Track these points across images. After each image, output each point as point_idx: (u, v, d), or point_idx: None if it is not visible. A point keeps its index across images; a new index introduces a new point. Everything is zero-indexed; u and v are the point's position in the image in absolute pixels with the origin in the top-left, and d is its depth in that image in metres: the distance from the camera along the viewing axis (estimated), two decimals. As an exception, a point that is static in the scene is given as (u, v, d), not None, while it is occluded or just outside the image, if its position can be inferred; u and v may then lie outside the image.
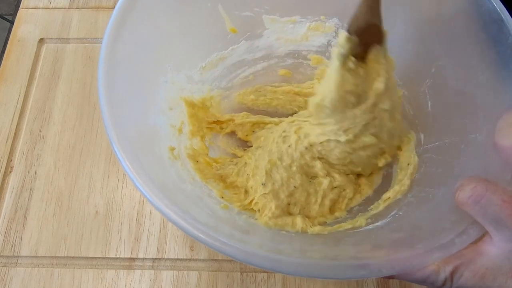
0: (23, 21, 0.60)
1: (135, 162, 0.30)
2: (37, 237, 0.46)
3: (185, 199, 0.34)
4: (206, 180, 0.41)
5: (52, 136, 0.52)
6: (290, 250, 0.33)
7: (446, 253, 0.26)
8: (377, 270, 0.26)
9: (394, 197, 0.38)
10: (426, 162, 0.38)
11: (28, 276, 0.44)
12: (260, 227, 0.38)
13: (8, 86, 0.55)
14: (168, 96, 0.42)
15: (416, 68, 0.42)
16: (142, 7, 0.38)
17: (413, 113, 0.43)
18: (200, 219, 0.28)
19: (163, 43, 0.42)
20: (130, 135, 0.32)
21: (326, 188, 0.41)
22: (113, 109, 0.32)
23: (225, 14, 0.45)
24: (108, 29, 0.35)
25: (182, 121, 0.44)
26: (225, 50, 0.48)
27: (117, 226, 0.47)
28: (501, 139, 0.28)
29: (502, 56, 0.33)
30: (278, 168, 0.41)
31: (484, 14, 0.35)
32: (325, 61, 0.50)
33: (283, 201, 0.40)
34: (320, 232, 0.38)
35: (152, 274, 0.44)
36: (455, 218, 0.28)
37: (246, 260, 0.26)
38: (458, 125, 0.36)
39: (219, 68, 0.49)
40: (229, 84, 0.50)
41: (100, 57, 0.33)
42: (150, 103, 0.40)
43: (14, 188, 0.49)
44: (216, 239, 0.27)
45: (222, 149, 0.48)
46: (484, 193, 0.25)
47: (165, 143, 0.39)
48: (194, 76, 0.46)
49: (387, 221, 0.36)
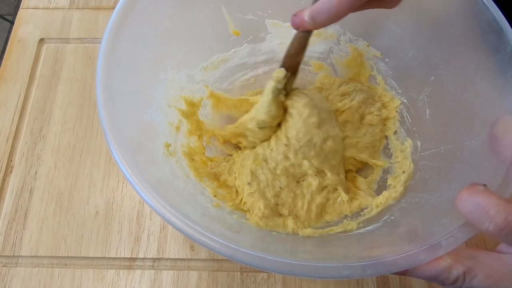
0: (23, 21, 0.59)
1: (129, 158, 0.30)
2: (37, 237, 0.46)
3: (178, 196, 0.34)
4: (200, 178, 0.41)
5: (52, 136, 0.52)
6: (281, 251, 0.33)
7: (432, 255, 0.26)
8: (361, 270, 0.26)
9: (387, 203, 0.38)
10: (421, 169, 0.38)
11: (29, 276, 0.44)
12: (251, 227, 0.38)
13: (8, 86, 0.54)
14: (167, 94, 0.42)
15: (415, 76, 0.42)
16: (144, 5, 0.37)
17: (412, 120, 0.43)
18: (192, 217, 0.28)
19: (164, 41, 0.42)
20: (125, 129, 0.32)
21: (314, 190, 0.40)
22: (110, 103, 0.31)
23: (228, 16, 0.45)
24: (109, 25, 0.35)
25: (180, 119, 0.43)
26: (227, 52, 0.48)
27: (117, 226, 0.46)
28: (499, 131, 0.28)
29: (500, 65, 0.33)
30: (263, 168, 0.41)
31: (483, 23, 0.35)
32: (326, 67, 0.50)
33: (270, 200, 0.40)
34: (311, 235, 0.37)
35: (152, 274, 0.44)
36: (445, 222, 0.28)
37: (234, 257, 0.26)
38: (454, 132, 0.36)
39: (220, 70, 0.48)
40: (230, 86, 0.50)
41: (99, 51, 0.33)
42: (149, 99, 0.39)
43: (14, 188, 0.48)
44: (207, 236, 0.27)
45: (220, 149, 0.47)
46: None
47: (161, 139, 0.39)
48: (195, 76, 0.46)
49: (379, 225, 0.36)
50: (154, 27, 0.40)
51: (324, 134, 0.41)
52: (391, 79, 0.45)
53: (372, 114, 0.45)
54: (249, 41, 0.48)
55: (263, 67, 0.50)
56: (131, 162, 0.29)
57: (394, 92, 0.45)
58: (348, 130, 0.45)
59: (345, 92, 0.46)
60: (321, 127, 0.40)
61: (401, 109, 0.44)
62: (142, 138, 0.36)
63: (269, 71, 0.50)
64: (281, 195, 0.40)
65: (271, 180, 0.40)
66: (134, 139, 0.33)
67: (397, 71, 0.45)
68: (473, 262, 0.26)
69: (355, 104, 0.45)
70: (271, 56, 0.50)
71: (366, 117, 0.45)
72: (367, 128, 0.45)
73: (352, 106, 0.45)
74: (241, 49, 0.48)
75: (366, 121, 0.45)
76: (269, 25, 0.47)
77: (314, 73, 0.50)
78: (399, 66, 0.44)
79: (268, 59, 0.50)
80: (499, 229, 0.24)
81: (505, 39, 0.33)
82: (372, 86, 0.47)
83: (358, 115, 0.45)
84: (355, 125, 0.45)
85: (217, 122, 0.48)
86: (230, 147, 0.48)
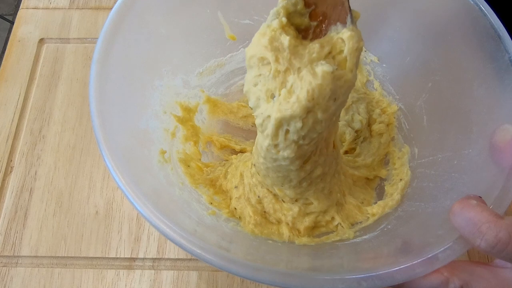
0: (23, 21, 0.58)
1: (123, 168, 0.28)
2: (37, 237, 0.45)
3: (172, 205, 0.33)
4: (196, 185, 0.40)
5: (52, 136, 0.50)
6: (276, 261, 0.32)
7: (429, 268, 0.25)
8: (356, 283, 0.25)
9: (384, 212, 0.37)
10: (418, 177, 0.38)
11: (28, 276, 0.43)
12: (246, 235, 0.37)
13: (8, 86, 0.53)
14: (163, 100, 0.41)
15: (413, 82, 0.41)
16: (138, 11, 0.36)
17: (409, 127, 0.42)
18: (186, 227, 0.27)
19: (159, 47, 0.40)
20: (119, 137, 0.31)
21: (296, 216, 0.36)
22: (103, 111, 0.30)
23: (224, 21, 0.44)
24: (103, 32, 0.33)
25: (176, 125, 0.42)
26: (224, 56, 0.47)
27: (117, 226, 0.46)
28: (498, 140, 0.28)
29: (498, 72, 0.33)
30: (247, 171, 0.38)
31: (481, 30, 0.34)
32: None
33: (256, 207, 0.37)
34: (307, 243, 0.36)
35: (152, 274, 0.43)
36: (441, 233, 0.28)
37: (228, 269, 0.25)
38: (452, 140, 0.35)
39: (216, 75, 0.47)
40: (227, 91, 0.49)
41: (93, 59, 0.32)
42: (143, 106, 0.38)
43: (14, 188, 0.47)
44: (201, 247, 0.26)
45: (216, 155, 0.46)
46: (509, 241, 0.23)
47: (156, 146, 0.38)
48: (191, 81, 0.45)
49: (376, 234, 0.35)
50: (149, 32, 0.38)
51: (307, 169, 0.32)
52: (389, 84, 0.44)
53: (377, 123, 0.44)
54: (246, 46, 0.46)
55: (259, 72, 0.49)
56: (125, 172, 0.28)
57: (391, 98, 0.44)
58: (363, 148, 0.43)
59: (347, 106, 0.45)
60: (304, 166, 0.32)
61: (399, 115, 0.43)
62: (136, 146, 0.35)
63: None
64: (262, 203, 0.37)
65: (252, 185, 0.37)
66: (128, 147, 0.31)
67: (394, 76, 0.44)
68: (470, 276, 0.25)
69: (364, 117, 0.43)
70: (268, 61, 0.49)
71: (373, 127, 0.44)
72: (378, 140, 0.43)
73: (362, 120, 0.43)
74: (238, 53, 0.47)
75: (374, 132, 0.44)
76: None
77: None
78: (397, 72, 0.44)
79: (265, 64, 0.49)
80: (491, 246, 0.24)
81: (503, 46, 0.32)
82: (369, 92, 0.46)
83: (368, 128, 0.44)
84: (367, 140, 0.43)
85: (213, 128, 0.47)
86: (227, 152, 0.47)
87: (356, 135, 0.44)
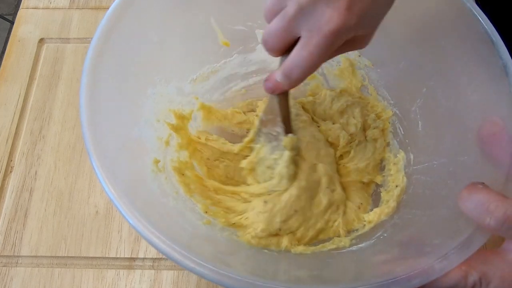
0: (23, 21, 0.57)
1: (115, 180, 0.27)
2: (37, 237, 0.44)
3: (166, 217, 0.32)
4: (190, 194, 0.39)
5: (52, 136, 0.50)
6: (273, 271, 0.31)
7: (426, 279, 0.25)
8: None
9: (380, 219, 0.37)
10: (414, 184, 0.37)
11: (29, 276, 0.42)
12: (242, 244, 0.36)
13: (8, 86, 0.52)
14: (156, 108, 0.40)
15: (408, 87, 0.41)
16: (130, 19, 0.35)
17: (404, 132, 0.41)
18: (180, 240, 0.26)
19: (152, 55, 0.39)
20: (111, 148, 0.29)
21: (322, 210, 0.38)
22: (95, 122, 0.29)
23: (217, 27, 0.43)
24: (94, 40, 0.32)
25: (169, 133, 0.41)
26: (217, 63, 0.46)
27: (117, 226, 0.45)
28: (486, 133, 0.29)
29: (493, 78, 0.32)
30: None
31: (475, 36, 0.33)
32: (317, 77, 0.48)
33: (273, 226, 0.37)
34: (303, 252, 0.36)
35: (152, 274, 0.43)
36: (437, 242, 0.27)
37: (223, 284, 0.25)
38: (447, 146, 0.35)
39: (210, 81, 0.46)
40: (221, 97, 0.47)
41: (84, 67, 0.31)
42: (136, 115, 0.37)
43: (14, 188, 0.46)
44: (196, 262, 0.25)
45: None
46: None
47: (149, 155, 0.37)
48: (184, 88, 0.44)
49: (372, 242, 0.34)
50: (141, 40, 0.37)
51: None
52: (383, 89, 0.44)
53: (371, 128, 0.43)
54: (240, 52, 0.45)
55: (254, 77, 0.48)
56: (116, 184, 0.27)
57: (386, 103, 0.44)
58: (358, 152, 0.42)
59: (342, 110, 0.44)
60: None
61: (394, 120, 0.42)
62: (129, 156, 0.34)
63: (260, 81, 0.48)
64: (290, 220, 0.37)
65: (293, 200, 0.37)
66: (120, 157, 0.30)
67: (389, 81, 0.43)
68: (485, 266, 0.25)
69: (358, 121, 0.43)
70: (262, 66, 0.47)
71: (367, 132, 0.43)
72: (373, 145, 0.43)
73: (356, 124, 0.43)
74: (232, 59, 0.46)
75: (369, 137, 0.43)
76: (259, 35, 0.45)
77: (306, 83, 0.48)
78: (391, 77, 0.43)
79: (259, 69, 0.48)
80: (500, 223, 0.24)
81: (496, 52, 0.32)
82: (364, 96, 0.45)
83: (363, 132, 0.43)
84: (362, 144, 0.43)
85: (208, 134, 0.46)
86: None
87: (350, 138, 0.44)
